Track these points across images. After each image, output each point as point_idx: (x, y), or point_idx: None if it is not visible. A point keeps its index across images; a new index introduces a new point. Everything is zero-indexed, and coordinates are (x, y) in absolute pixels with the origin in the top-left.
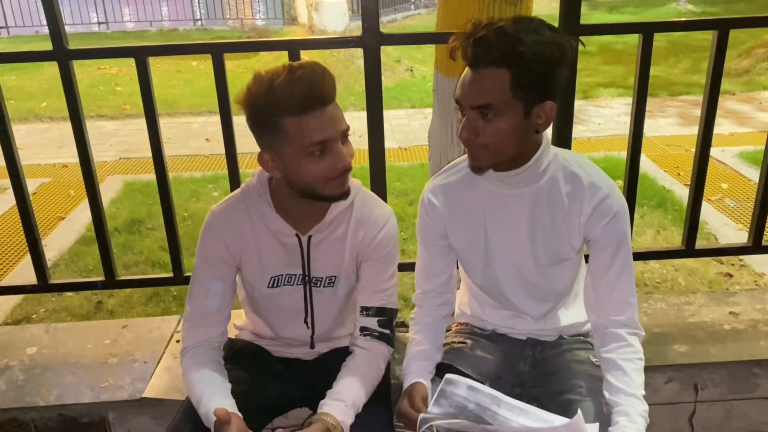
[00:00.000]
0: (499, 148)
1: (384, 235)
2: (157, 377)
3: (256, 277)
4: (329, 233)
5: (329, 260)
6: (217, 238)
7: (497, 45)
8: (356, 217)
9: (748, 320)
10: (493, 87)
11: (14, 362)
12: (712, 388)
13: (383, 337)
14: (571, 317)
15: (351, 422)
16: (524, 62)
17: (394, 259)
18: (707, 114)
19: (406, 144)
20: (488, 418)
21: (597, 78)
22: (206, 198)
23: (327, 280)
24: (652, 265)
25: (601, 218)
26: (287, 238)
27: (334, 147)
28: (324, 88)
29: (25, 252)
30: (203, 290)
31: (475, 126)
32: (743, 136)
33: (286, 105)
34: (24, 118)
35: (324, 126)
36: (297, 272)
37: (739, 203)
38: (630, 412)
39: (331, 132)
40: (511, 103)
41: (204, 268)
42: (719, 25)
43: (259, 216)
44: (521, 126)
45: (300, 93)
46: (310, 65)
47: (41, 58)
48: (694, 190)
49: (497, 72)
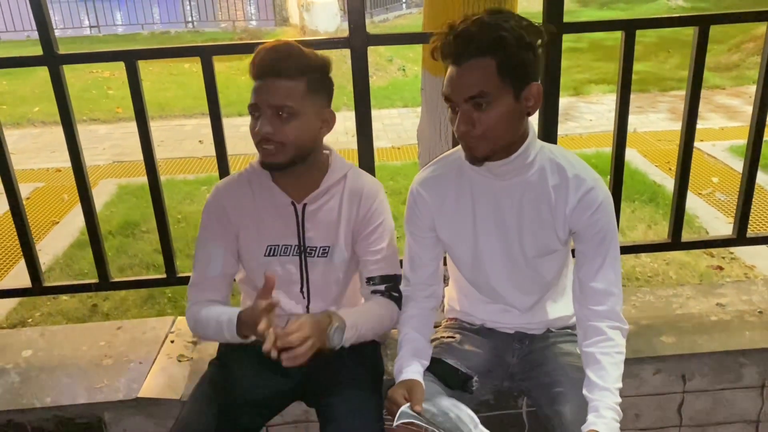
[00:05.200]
0: (496, 135)
1: (378, 204)
2: (152, 377)
3: (253, 245)
4: (323, 203)
5: (323, 230)
6: (218, 205)
7: (479, 35)
8: (349, 190)
9: (735, 311)
10: (481, 76)
11: (10, 365)
12: (699, 378)
13: (393, 298)
14: (558, 310)
15: (350, 338)
16: (507, 47)
17: (391, 227)
18: (690, 108)
19: (398, 143)
20: (465, 430)
21: (588, 74)
22: (200, 200)
23: (321, 250)
24: (644, 259)
25: (586, 210)
26: (283, 207)
27: (263, 114)
28: (279, 63)
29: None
30: (206, 256)
31: (471, 118)
32: (733, 130)
33: (251, 70)
34: (16, 123)
35: (260, 92)
36: (293, 243)
37: (730, 197)
38: (599, 407)
39: (263, 99)
40: (502, 89)
41: (206, 235)
42: (700, 22)
43: (260, 187)
44: (514, 110)
45: (258, 61)
46: (282, 43)
47: (31, 63)
48: (679, 184)
49: (482, 61)
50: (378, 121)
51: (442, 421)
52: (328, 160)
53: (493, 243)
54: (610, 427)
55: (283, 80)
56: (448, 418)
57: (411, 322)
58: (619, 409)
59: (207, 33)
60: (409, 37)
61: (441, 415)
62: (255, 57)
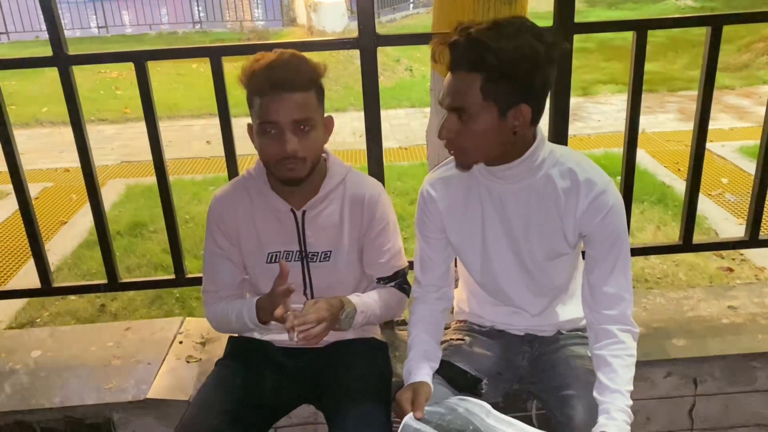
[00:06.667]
0: (476, 148)
1: (382, 206)
2: (161, 378)
3: (254, 252)
4: (323, 208)
5: (324, 235)
6: (217, 215)
7: (466, 50)
8: (350, 196)
9: (747, 314)
10: (465, 90)
11: (19, 365)
12: (711, 382)
13: (402, 290)
14: (568, 313)
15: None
16: (493, 67)
17: (394, 224)
18: (702, 110)
19: (406, 144)
20: (476, 422)
21: (596, 75)
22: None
23: (323, 255)
24: (653, 260)
25: (597, 214)
26: (283, 213)
27: (283, 132)
28: (290, 76)
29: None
30: (212, 267)
31: (453, 127)
32: (743, 130)
33: (255, 84)
34: (25, 123)
35: (277, 110)
36: (294, 248)
37: (740, 198)
38: (610, 409)
39: (282, 116)
40: (484, 106)
41: (211, 246)
42: (712, 22)
43: (257, 194)
44: (497, 128)
45: (265, 75)
46: (288, 55)
47: (42, 64)
48: (690, 185)
49: (469, 75)
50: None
51: (451, 419)
52: (326, 164)
53: (502, 246)
54: (620, 429)
55: (298, 93)
56: (458, 414)
57: (421, 324)
58: (630, 412)
59: (214, 33)
60: (418, 38)
61: (449, 412)
62: (258, 71)
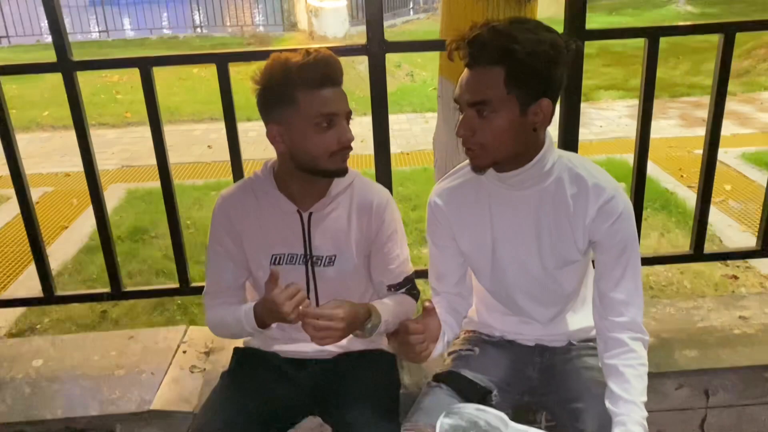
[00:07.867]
0: (496, 145)
1: (390, 214)
2: (165, 389)
3: (258, 254)
4: (330, 211)
5: (330, 238)
6: (223, 215)
7: (491, 43)
8: (358, 202)
9: (758, 324)
10: (488, 84)
11: (20, 375)
12: (723, 394)
13: (412, 296)
14: (579, 322)
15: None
16: (518, 59)
17: (402, 231)
18: (714, 118)
19: (407, 149)
20: None
21: (597, 80)
22: (209, 205)
23: (327, 259)
24: (657, 268)
25: (606, 220)
26: (289, 215)
27: (339, 122)
28: (336, 71)
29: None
30: (216, 268)
31: (472, 124)
32: (745, 137)
33: (301, 79)
34: (26, 128)
35: (334, 101)
36: (298, 252)
37: (743, 204)
38: (626, 422)
39: (340, 108)
40: (506, 100)
41: (215, 247)
42: (726, 29)
43: (264, 195)
44: (517, 123)
45: (316, 69)
46: (324, 51)
47: (45, 70)
48: (702, 195)
49: (492, 69)
50: None
51: None
52: None
53: (512, 253)
54: None
55: (339, 87)
56: (479, 429)
57: (439, 307)
58: (645, 425)
59: (215, 38)
60: (427, 45)
61: (471, 426)
62: (305, 65)
